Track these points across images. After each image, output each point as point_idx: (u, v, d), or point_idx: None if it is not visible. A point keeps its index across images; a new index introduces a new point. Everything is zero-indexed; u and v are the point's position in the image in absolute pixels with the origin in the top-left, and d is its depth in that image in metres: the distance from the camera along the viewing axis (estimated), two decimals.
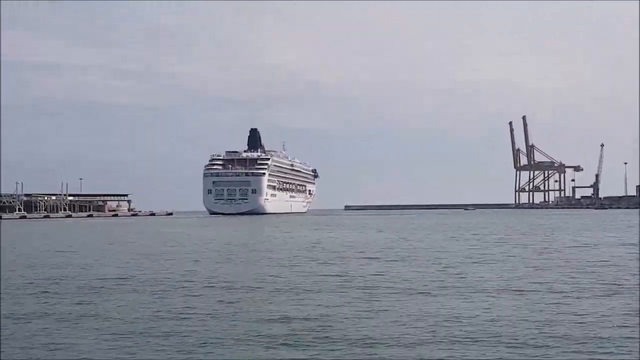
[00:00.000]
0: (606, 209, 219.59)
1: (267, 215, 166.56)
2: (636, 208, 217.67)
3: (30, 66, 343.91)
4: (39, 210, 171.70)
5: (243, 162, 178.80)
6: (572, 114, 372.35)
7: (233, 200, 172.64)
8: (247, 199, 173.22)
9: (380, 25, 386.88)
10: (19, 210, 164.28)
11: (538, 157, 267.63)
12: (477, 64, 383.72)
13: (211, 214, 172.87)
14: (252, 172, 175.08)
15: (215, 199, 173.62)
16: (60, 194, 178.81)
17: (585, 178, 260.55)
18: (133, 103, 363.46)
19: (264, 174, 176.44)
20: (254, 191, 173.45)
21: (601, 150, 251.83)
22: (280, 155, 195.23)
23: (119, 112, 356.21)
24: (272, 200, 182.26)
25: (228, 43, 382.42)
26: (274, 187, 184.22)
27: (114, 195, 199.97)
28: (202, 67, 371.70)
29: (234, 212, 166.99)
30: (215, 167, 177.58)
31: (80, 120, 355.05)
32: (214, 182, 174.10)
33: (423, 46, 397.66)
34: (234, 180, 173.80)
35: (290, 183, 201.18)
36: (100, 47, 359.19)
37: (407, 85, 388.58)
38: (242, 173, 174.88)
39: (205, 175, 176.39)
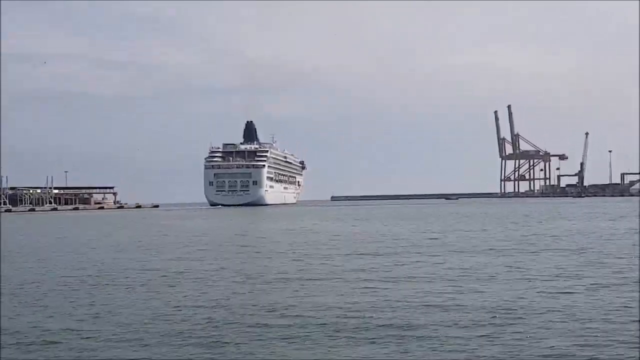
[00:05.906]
0: (582, 197, 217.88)
1: (268, 206, 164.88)
2: (621, 196, 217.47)
3: (12, 56, 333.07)
4: (24, 203, 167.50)
5: (242, 154, 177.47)
6: (557, 102, 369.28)
7: (234, 192, 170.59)
8: (248, 190, 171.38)
9: (363, 11, 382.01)
10: (4, 203, 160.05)
11: (523, 146, 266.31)
12: (461, 51, 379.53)
13: (212, 205, 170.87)
14: (253, 164, 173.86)
15: (217, 191, 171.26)
16: (46, 187, 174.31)
17: (570, 166, 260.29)
18: (118, 94, 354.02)
19: (264, 165, 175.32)
20: (255, 183, 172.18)
21: (586, 138, 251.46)
22: (273, 147, 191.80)
23: (103, 102, 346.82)
24: (271, 192, 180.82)
25: (213, 34, 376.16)
26: (271, 179, 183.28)
27: (99, 187, 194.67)
28: (188, 58, 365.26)
29: (236, 203, 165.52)
30: (215, 159, 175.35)
31: (64, 110, 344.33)
32: (215, 174, 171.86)
33: (407, 32, 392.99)
34: (235, 172, 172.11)
35: (284, 175, 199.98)
36: (85, 36, 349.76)
37: (392, 72, 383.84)
38: (242, 165, 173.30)
39: (206, 167, 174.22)
